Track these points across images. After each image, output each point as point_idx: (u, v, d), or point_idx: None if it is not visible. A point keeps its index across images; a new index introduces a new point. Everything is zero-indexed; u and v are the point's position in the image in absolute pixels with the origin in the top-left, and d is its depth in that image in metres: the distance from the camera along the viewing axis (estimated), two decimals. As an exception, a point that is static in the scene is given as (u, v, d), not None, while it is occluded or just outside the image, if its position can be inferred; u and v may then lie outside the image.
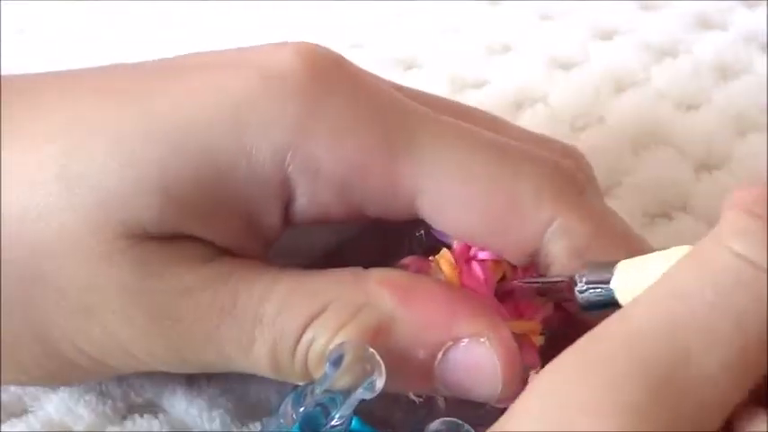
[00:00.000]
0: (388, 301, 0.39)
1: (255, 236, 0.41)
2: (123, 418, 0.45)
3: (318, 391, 0.37)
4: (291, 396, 0.38)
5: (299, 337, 0.39)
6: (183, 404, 0.45)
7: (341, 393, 0.37)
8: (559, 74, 0.59)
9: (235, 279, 0.40)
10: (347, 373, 0.37)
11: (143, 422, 0.44)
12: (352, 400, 0.37)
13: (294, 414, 0.37)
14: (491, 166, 0.40)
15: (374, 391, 0.37)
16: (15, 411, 0.45)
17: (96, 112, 0.41)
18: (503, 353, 0.39)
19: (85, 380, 0.45)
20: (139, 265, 0.39)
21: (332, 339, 0.38)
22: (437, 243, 0.42)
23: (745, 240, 0.33)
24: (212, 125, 0.40)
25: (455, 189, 0.40)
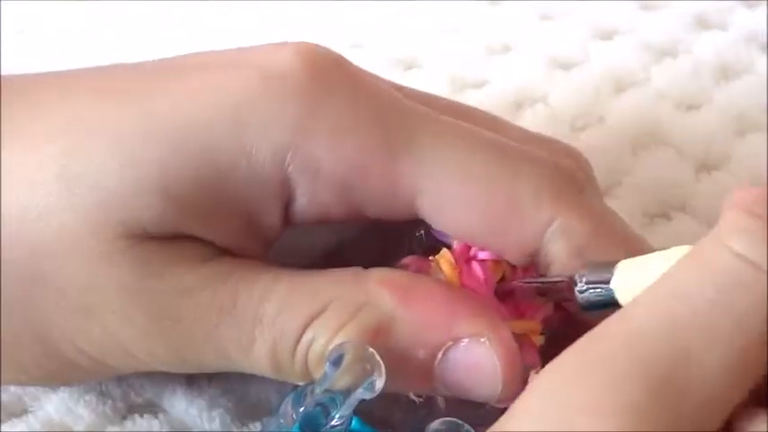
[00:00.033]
0: (388, 300, 0.39)
1: (255, 236, 0.41)
2: (123, 418, 0.45)
3: (318, 391, 0.37)
4: (291, 396, 0.38)
5: (298, 337, 0.39)
6: (183, 404, 0.45)
7: (341, 393, 0.37)
8: (559, 74, 0.59)
9: (234, 279, 0.40)
10: (347, 372, 0.37)
11: (143, 422, 0.44)
12: (352, 399, 0.37)
13: (294, 414, 0.37)
14: (491, 165, 0.40)
15: (374, 391, 0.37)
16: (15, 411, 0.45)
17: (96, 112, 0.41)
18: (503, 353, 0.39)
19: (85, 380, 0.45)
20: (139, 265, 0.39)
21: (332, 339, 0.38)
22: (437, 243, 0.42)
23: (746, 240, 0.33)
24: (212, 125, 0.40)
25: (455, 189, 0.40)
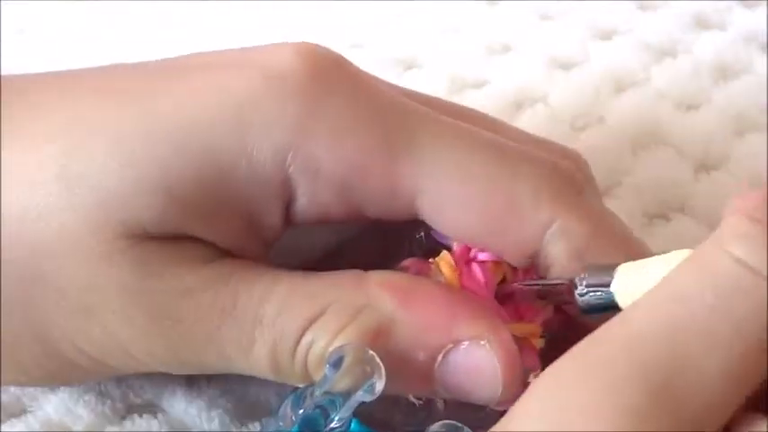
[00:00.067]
0: (388, 303, 0.39)
1: (256, 236, 0.41)
2: (122, 418, 0.45)
3: (318, 393, 0.37)
4: (291, 398, 0.38)
5: (298, 339, 0.39)
6: (183, 404, 0.45)
7: (340, 395, 0.37)
8: (559, 74, 0.59)
9: (235, 280, 0.40)
10: (347, 375, 0.37)
11: (142, 422, 0.44)
12: (352, 402, 0.37)
13: (293, 416, 0.37)
14: (490, 166, 0.40)
15: (374, 394, 0.37)
16: (15, 411, 0.45)
17: (97, 111, 0.41)
18: (503, 355, 0.39)
19: (85, 380, 0.45)
20: (139, 265, 0.39)
21: (332, 341, 0.38)
22: (437, 245, 0.42)
23: (746, 245, 0.33)
24: (216, 125, 0.40)
25: (454, 189, 0.40)
